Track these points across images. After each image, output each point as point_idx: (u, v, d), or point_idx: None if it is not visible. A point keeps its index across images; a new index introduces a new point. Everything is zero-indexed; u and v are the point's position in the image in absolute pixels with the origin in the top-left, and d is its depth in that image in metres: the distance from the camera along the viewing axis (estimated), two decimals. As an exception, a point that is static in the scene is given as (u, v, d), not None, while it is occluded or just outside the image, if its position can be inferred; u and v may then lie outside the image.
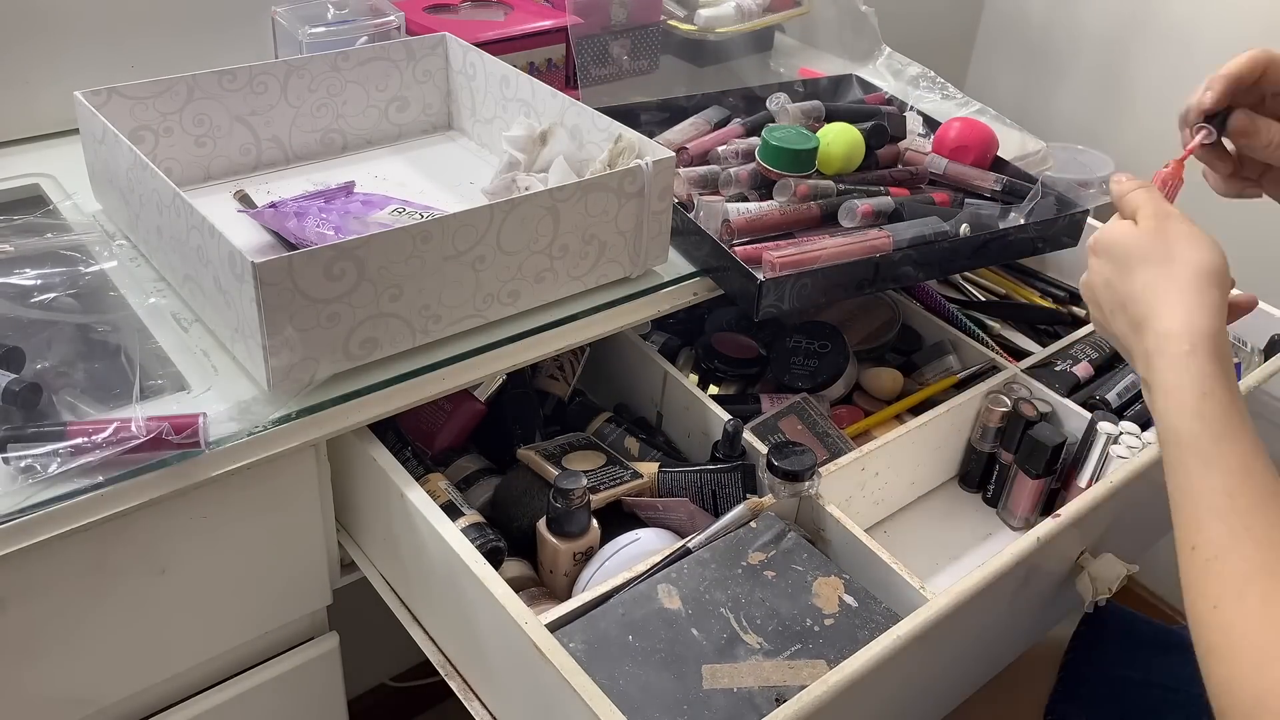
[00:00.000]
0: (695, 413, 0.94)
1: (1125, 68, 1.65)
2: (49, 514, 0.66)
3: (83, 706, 0.78)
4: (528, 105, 1.00)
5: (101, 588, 0.73)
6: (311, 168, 1.03)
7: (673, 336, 1.13)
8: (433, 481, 0.84)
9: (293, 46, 1.06)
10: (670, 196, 0.88)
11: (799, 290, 0.90)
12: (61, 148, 1.03)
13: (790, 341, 1.08)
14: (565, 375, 1.02)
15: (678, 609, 0.73)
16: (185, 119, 0.95)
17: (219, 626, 0.82)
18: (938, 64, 1.37)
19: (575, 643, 0.69)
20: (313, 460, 0.79)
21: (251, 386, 0.75)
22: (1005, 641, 0.98)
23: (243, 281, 0.69)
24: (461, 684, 0.79)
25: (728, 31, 1.28)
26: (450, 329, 0.80)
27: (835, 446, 0.99)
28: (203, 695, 0.85)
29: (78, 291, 0.82)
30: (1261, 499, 0.56)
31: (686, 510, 0.85)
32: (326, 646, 0.91)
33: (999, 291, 1.23)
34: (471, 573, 0.70)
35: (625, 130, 0.90)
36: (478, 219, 0.77)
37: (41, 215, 0.91)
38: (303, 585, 0.86)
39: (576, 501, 0.79)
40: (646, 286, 0.91)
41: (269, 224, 0.89)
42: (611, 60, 1.22)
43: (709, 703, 0.67)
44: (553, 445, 0.90)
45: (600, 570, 0.80)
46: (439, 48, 1.08)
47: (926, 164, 1.09)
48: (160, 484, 0.69)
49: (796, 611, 0.74)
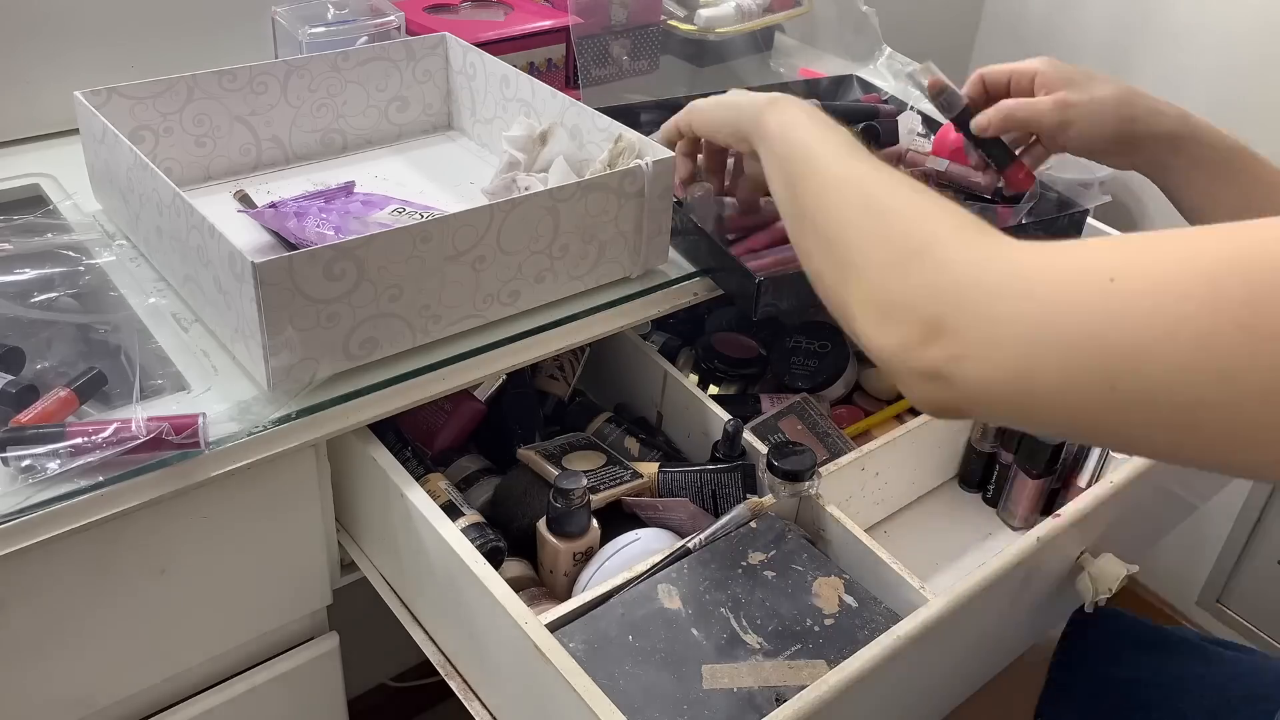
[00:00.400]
0: (695, 413, 0.94)
1: (1125, 68, 1.65)
2: (49, 514, 0.66)
3: (83, 706, 0.78)
4: (528, 105, 1.00)
5: (101, 588, 0.73)
6: (311, 168, 1.03)
7: (673, 336, 1.13)
8: (433, 481, 0.84)
9: (293, 46, 1.06)
10: (670, 196, 0.88)
11: (798, 290, 0.90)
12: (61, 148, 1.03)
13: (790, 341, 1.08)
14: (565, 375, 1.02)
15: (678, 609, 0.73)
16: (185, 119, 0.95)
17: (219, 626, 0.82)
18: (938, 64, 1.36)
19: (575, 643, 0.69)
20: (313, 460, 0.79)
21: (251, 386, 0.75)
22: (1005, 641, 0.98)
23: (243, 281, 0.69)
24: (461, 684, 0.79)
25: (728, 31, 1.28)
26: (450, 329, 0.80)
27: (835, 446, 0.99)
28: (203, 695, 0.85)
29: (78, 291, 0.82)
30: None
31: (686, 510, 0.85)
32: (326, 646, 0.91)
33: (999, 291, 1.23)
34: (471, 573, 0.70)
35: (625, 130, 0.90)
36: (478, 219, 0.77)
37: (41, 215, 0.91)
38: (303, 585, 0.86)
39: (576, 501, 0.79)
40: (646, 286, 0.91)
41: (269, 224, 0.89)
42: (611, 60, 1.22)
43: (709, 703, 0.67)
44: (553, 445, 0.90)
45: (600, 570, 0.80)
46: (439, 48, 1.08)
47: (927, 165, 1.09)
48: (160, 484, 0.69)
49: (796, 611, 0.74)
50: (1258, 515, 1.67)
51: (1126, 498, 0.86)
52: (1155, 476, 0.89)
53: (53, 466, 0.66)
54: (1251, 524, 1.68)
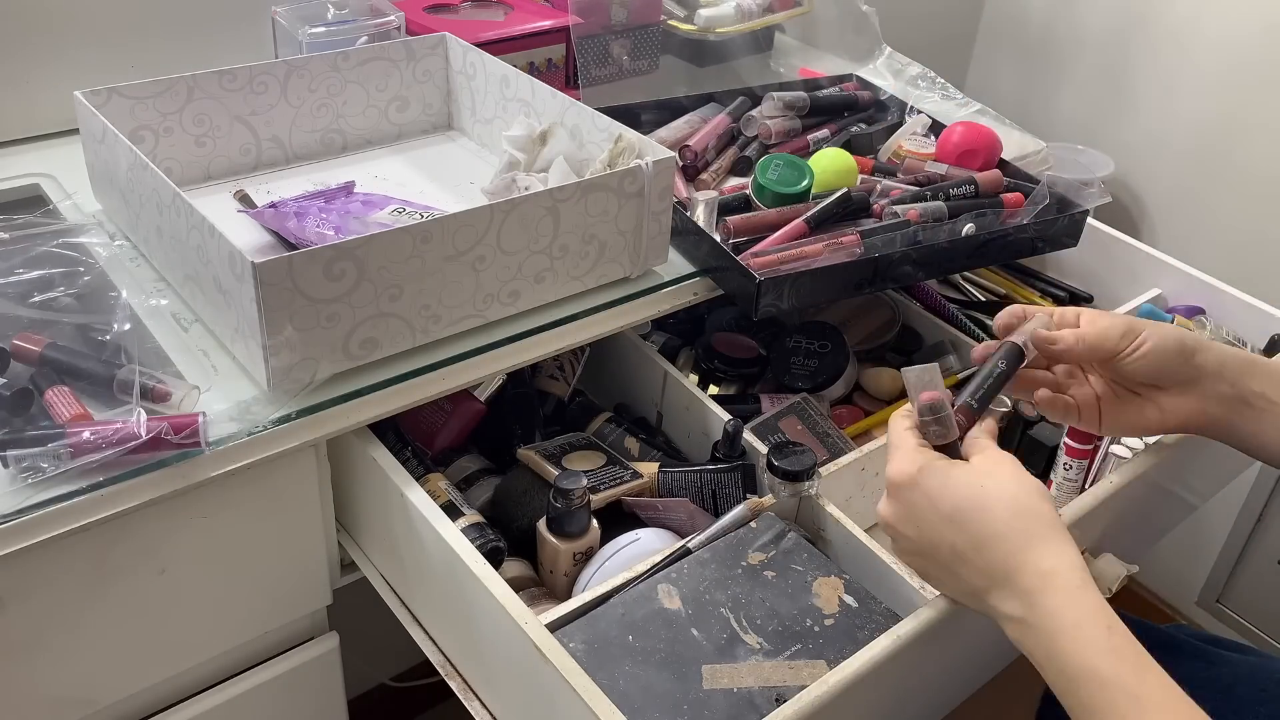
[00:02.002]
0: (695, 413, 0.94)
1: (1125, 68, 1.65)
2: (49, 514, 0.66)
3: (83, 706, 0.78)
4: (528, 105, 1.00)
5: (101, 588, 0.73)
6: (311, 168, 1.03)
7: (673, 336, 1.13)
8: (433, 481, 0.84)
9: (293, 46, 1.06)
10: (670, 196, 0.88)
11: (798, 290, 0.90)
12: (61, 148, 1.03)
13: (790, 341, 1.08)
14: (565, 375, 1.02)
15: (678, 609, 0.73)
16: (185, 119, 0.95)
17: (219, 626, 0.82)
18: (938, 64, 1.37)
19: (575, 643, 0.69)
20: (313, 460, 0.79)
21: (251, 386, 0.75)
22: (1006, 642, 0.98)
23: (243, 281, 0.69)
24: (461, 684, 0.79)
25: (728, 31, 1.28)
26: (450, 329, 0.80)
27: (835, 446, 0.99)
28: (203, 695, 0.85)
29: (78, 291, 0.82)
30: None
31: (686, 510, 0.85)
32: (326, 646, 0.91)
33: (999, 291, 1.23)
34: (471, 573, 0.70)
35: (625, 130, 0.90)
36: (478, 219, 0.77)
37: (41, 215, 0.91)
38: (303, 585, 0.86)
39: (576, 501, 0.79)
40: (646, 286, 0.91)
41: (269, 224, 0.89)
42: (612, 60, 1.22)
43: (709, 703, 0.67)
44: (553, 445, 0.90)
45: (600, 570, 0.80)
46: (439, 48, 1.08)
47: (928, 168, 1.09)
48: (160, 484, 0.69)
49: (796, 611, 0.74)
50: (1258, 515, 1.67)
51: (1126, 498, 0.86)
52: (1155, 476, 0.89)
53: (53, 467, 0.66)
54: (1251, 524, 1.68)
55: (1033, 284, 1.23)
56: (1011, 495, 0.63)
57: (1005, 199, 1.04)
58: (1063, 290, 1.21)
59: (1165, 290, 1.15)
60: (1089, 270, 1.22)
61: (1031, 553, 0.62)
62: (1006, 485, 0.64)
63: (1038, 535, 0.62)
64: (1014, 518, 0.63)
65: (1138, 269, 1.17)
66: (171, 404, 0.71)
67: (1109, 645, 0.58)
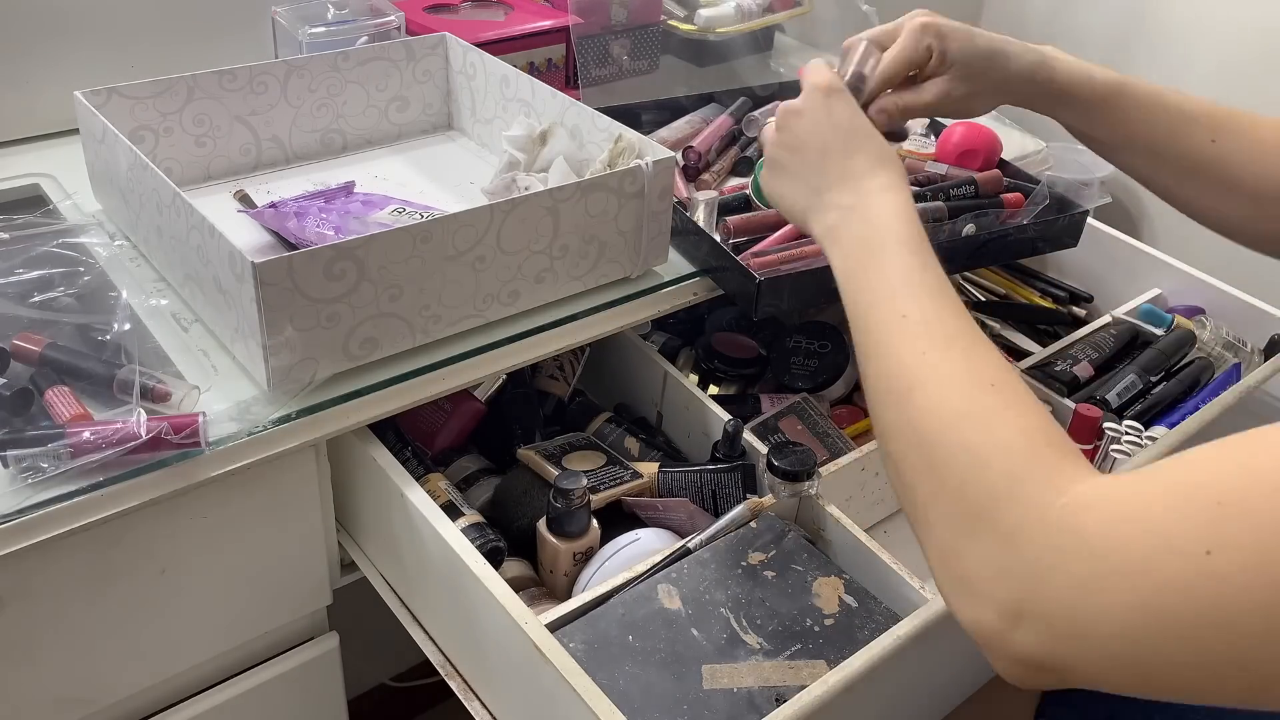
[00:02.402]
0: (695, 413, 0.94)
1: (1125, 68, 1.64)
2: (49, 514, 0.66)
3: (83, 706, 0.78)
4: (528, 105, 1.00)
5: (102, 588, 0.73)
6: (311, 168, 1.03)
7: (673, 336, 1.13)
8: (433, 481, 0.84)
9: (293, 46, 1.06)
10: (670, 196, 0.88)
11: (798, 290, 0.90)
12: (61, 148, 1.03)
13: (790, 341, 1.08)
14: (565, 375, 1.02)
15: (678, 609, 0.73)
16: (185, 119, 0.95)
17: (219, 626, 0.82)
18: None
19: (575, 643, 0.69)
20: (313, 460, 0.79)
21: (251, 386, 0.75)
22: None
23: (243, 281, 0.69)
24: (461, 684, 0.79)
25: (728, 31, 1.28)
26: (450, 329, 0.80)
27: (835, 446, 0.99)
28: (203, 695, 0.85)
29: (78, 292, 0.82)
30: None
31: (686, 510, 0.85)
32: (326, 646, 0.91)
33: (999, 291, 1.23)
34: (471, 573, 0.70)
35: (625, 130, 0.90)
36: (478, 219, 0.77)
37: (41, 215, 0.91)
38: (303, 585, 0.86)
39: (576, 501, 0.79)
40: (646, 286, 0.91)
41: (269, 224, 0.89)
42: (612, 60, 1.22)
43: (709, 703, 0.67)
44: (553, 445, 0.90)
45: (600, 570, 0.80)
46: (439, 48, 1.08)
47: (927, 169, 1.09)
48: (160, 484, 0.69)
49: (796, 611, 0.74)
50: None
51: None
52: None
53: (53, 467, 0.66)
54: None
55: (1033, 284, 1.23)
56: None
57: (1005, 199, 1.04)
58: (1063, 290, 1.21)
59: (1165, 290, 1.15)
60: (1089, 270, 1.22)
61: (891, 168, 0.71)
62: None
63: (898, 167, 0.72)
64: (887, 148, 0.73)
65: (1138, 269, 1.17)
66: (171, 404, 0.72)
67: (909, 215, 0.67)
